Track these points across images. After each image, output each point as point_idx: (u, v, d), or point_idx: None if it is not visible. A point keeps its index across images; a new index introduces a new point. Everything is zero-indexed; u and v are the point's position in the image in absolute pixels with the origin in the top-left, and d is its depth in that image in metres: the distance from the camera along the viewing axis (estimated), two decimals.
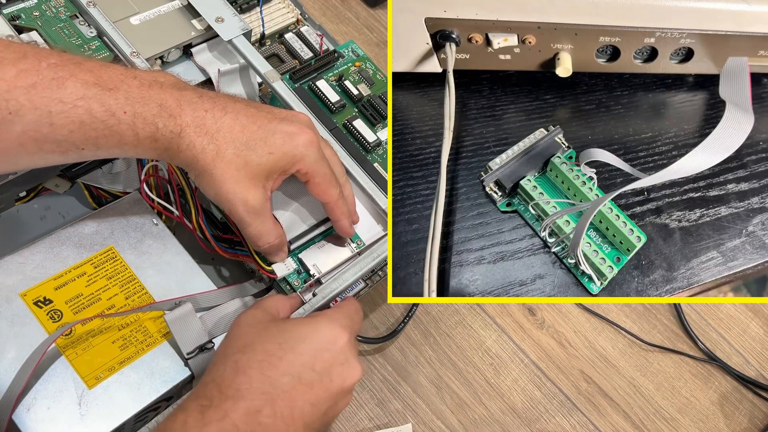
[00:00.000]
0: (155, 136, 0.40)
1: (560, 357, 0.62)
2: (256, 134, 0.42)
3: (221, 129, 0.41)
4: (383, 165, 0.54)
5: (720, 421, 0.61)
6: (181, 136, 0.41)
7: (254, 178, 0.42)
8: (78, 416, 0.41)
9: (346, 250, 0.50)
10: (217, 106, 0.42)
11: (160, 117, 0.40)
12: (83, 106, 0.39)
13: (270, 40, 0.60)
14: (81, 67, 0.40)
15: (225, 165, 0.41)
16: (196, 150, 0.41)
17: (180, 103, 0.41)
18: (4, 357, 0.42)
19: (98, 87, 0.39)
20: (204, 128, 0.41)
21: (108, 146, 0.40)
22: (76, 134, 0.39)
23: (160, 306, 0.45)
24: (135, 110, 0.40)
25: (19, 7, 0.52)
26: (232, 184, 0.42)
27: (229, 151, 0.41)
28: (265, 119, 0.43)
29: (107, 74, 0.40)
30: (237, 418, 0.36)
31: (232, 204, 0.42)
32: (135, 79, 0.41)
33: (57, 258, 0.46)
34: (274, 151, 0.42)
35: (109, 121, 0.39)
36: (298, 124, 0.44)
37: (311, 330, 0.41)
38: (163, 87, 0.41)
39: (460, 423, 0.57)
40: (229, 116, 0.42)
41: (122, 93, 0.40)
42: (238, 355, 0.39)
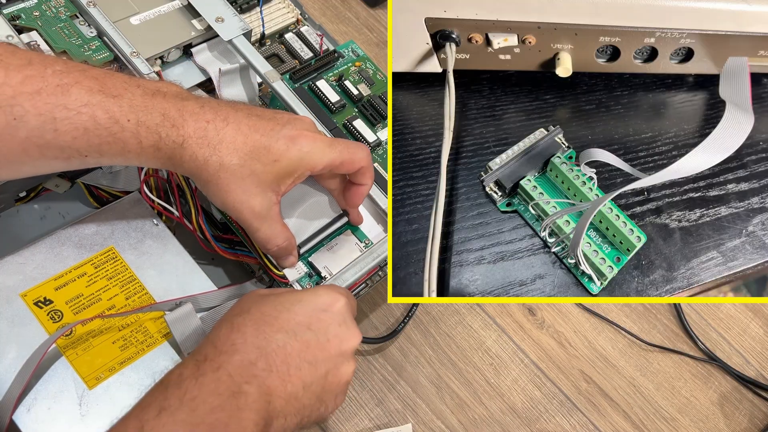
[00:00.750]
0: (158, 145, 0.41)
1: (560, 357, 0.62)
2: (259, 143, 0.42)
3: (224, 140, 0.41)
4: (383, 165, 0.55)
5: (720, 421, 0.61)
6: (183, 146, 0.41)
7: (261, 185, 0.42)
8: (78, 416, 0.41)
9: (356, 250, 0.50)
10: (218, 116, 0.42)
11: (162, 126, 0.40)
12: (87, 113, 0.39)
13: (270, 40, 0.60)
14: (86, 74, 0.40)
15: (229, 176, 0.41)
16: (198, 161, 0.41)
17: (182, 113, 0.41)
18: (5, 357, 0.42)
19: (102, 94, 0.39)
20: (206, 140, 0.41)
21: (111, 153, 0.41)
22: (79, 141, 0.39)
23: (160, 307, 0.45)
24: (138, 118, 0.40)
25: (19, 7, 0.52)
26: (239, 194, 0.42)
27: (233, 162, 0.41)
28: (268, 127, 0.43)
29: (111, 82, 0.40)
30: (231, 369, 0.37)
31: (239, 212, 0.43)
32: (139, 87, 0.41)
33: (57, 258, 0.46)
34: (279, 158, 0.42)
35: (112, 128, 0.39)
36: (300, 128, 0.44)
37: (308, 294, 0.42)
38: (166, 97, 0.41)
39: (460, 423, 0.57)
40: (231, 127, 0.42)
41: (126, 101, 0.40)
42: (234, 318, 0.40)
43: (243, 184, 0.42)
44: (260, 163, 0.42)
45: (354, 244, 0.50)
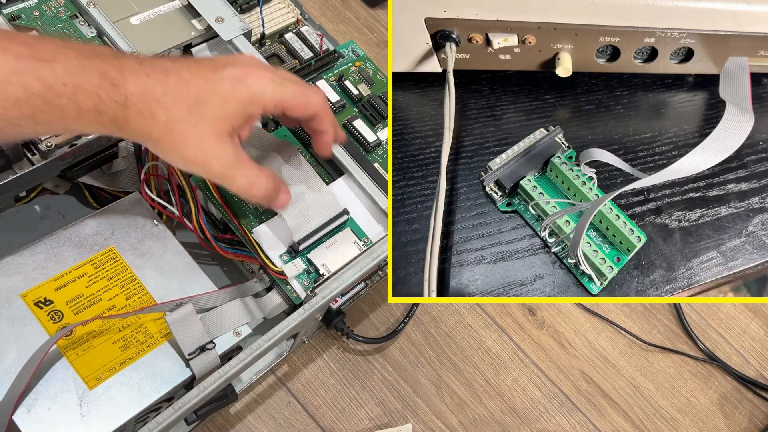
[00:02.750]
0: (99, 108, 0.38)
1: (560, 357, 0.62)
2: (203, 88, 0.40)
3: (167, 91, 0.39)
4: (383, 165, 0.55)
5: (720, 421, 0.61)
6: (126, 105, 0.38)
7: (216, 131, 0.40)
8: (79, 417, 0.41)
9: (354, 248, 0.50)
10: (157, 69, 0.40)
11: (102, 87, 0.38)
12: (17, 82, 0.36)
13: (270, 40, 0.60)
14: (13, 40, 0.37)
15: (181, 127, 0.39)
16: (146, 118, 0.39)
17: (122, 71, 0.39)
18: (5, 358, 0.42)
19: (33, 59, 0.37)
20: (149, 94, 0.39)
21: (47, 122, 0.38)
22: (10, 111, 0.37)
23: (161, 308, 0.45)
24: (75, 82, 0.37)
25: (19, 7, 0.52)
26: (197, 144, 0.40)
27: (181, 111, 0.39)
28: (209, 70, 0.41)
29: (43, 46, 0.38)
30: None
31: (204, 165, 0.41)
32: (73, 50, 0.38)
33: (57, 258, 0.46)
34: (227, 100, 0.40)
35: (47, 95, 0.37)
36: (244, 66, 0.42)
37: None
38: (102, 57, 0.39)
39: (460, 423, 0.57)
40: (172, 77, 0.40)
41: (60, 65, 0.37)
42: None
43: (197, 133, 0.40)
44: (208, 107, 0.40)
45: (353, 242, 0.50)
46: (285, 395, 0.57)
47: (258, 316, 0.48)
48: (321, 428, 0.56)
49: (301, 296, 0.48)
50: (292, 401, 0.56)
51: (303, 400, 0.57)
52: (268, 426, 0.55)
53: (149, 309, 0.45)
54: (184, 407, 0.41)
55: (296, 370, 0.58)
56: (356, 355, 0.59)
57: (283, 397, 0.56)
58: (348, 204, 0.51)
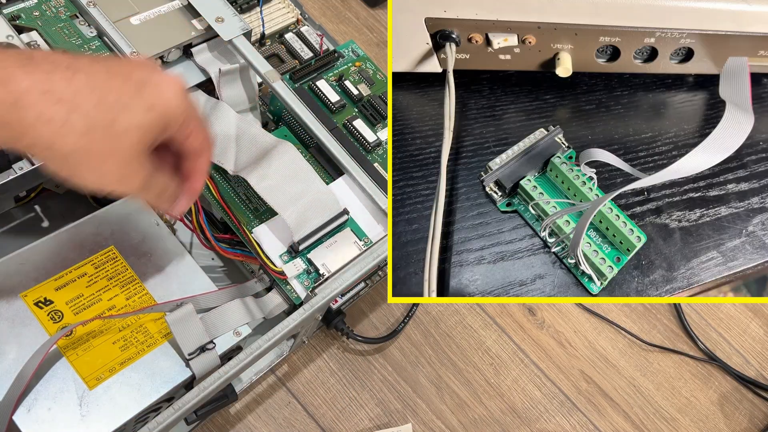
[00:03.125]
0: None
1: (560, 357, 0.62)
2: (122, 90, 0.34)
3: (79, 91, 0.33)
4: (383, 165, 0.55)
5: (720, 421, 0.61)
6: (18, 106, 0.31)
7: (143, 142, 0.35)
8: (79, 417, 0.41)
9: (354, 248, 0.50)
10: (58, 66, 0.33)
11: None
12: None
13: (270, 40, 0.60)
14: None
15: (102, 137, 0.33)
16: (54, 124, 0.32)
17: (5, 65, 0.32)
18: (5, 358, 0.42)
19: None
20: (54, 93, 0.32)
21: None
22: None
23: (161, 308, 0.45)
24: None
25: (19, 7, 0.52)
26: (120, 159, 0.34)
27: (102, 117, 0.33)
28: (126, 68, 0.35)
29: None
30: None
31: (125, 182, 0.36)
32: None
33: (57, 258, 0.46)
34: (152, 106, 0.35)
35: None
36: (155, 71, 0.36)
37: None
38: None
39: (460, 423, 0.57)
40: (81, 75, 0.33)
41: None
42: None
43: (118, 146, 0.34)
44: (132, 113, 0.34)
45: (353, 242, 0.50)
46: (285, 395, 0.57)
47: (258, 316, 0.48)
48: (321, 428, 0.56)
49: (301, 296, 0.48)
50: (292, 401, 0.56)
51: (303, 400, 0.57)
52: (268, 426, 0.55)
53: (149, 309, 0.45)
54: (184, 407, 0.41)
55: (296, 370, 0.58)
56: (356, 355, 0.59)
57: (283, 397, 0.56)
58: (348, 204, 0.51)
